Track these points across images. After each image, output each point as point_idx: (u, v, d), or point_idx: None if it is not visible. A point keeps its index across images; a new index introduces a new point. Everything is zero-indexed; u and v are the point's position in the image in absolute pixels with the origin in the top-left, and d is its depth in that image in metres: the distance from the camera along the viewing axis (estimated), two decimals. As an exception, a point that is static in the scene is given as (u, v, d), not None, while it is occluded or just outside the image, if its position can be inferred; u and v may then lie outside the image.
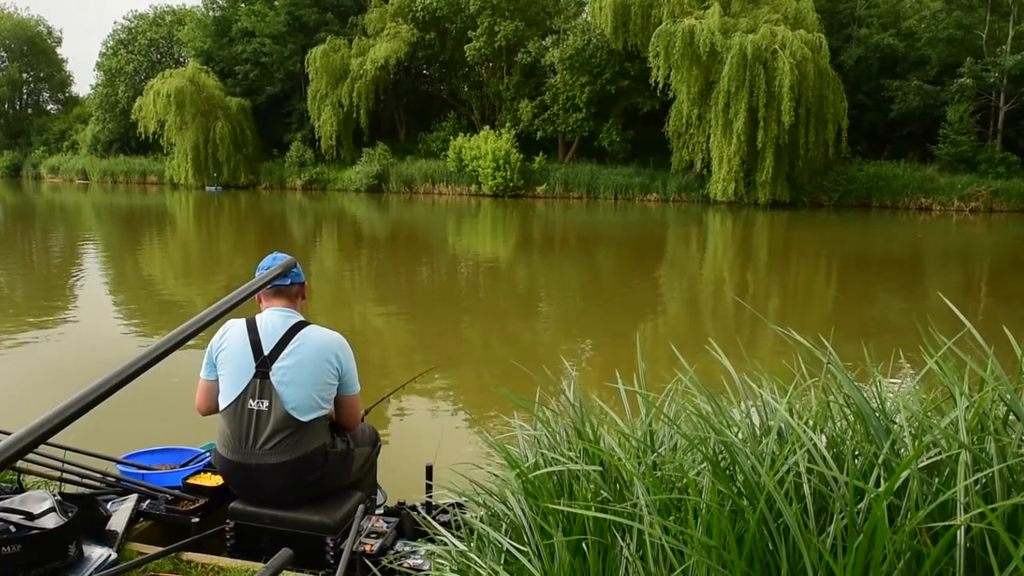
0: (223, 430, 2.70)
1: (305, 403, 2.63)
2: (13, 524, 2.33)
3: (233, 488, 2.78)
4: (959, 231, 23.62)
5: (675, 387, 2.13)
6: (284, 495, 2.66)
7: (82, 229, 22.91)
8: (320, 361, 2.67)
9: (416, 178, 37.14)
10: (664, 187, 32.29)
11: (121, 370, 0.98)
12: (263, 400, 2.62)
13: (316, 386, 2.66)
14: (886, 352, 3.02)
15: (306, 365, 2.64)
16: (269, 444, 2.61)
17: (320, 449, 2.69)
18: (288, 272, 2.64)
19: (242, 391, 2.64)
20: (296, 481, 2.65)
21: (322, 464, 2.70)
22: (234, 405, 2.65)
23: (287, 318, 2.72)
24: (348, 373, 2.77)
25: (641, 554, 1.58)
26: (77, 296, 11.40)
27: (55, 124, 55.27)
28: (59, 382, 6.32)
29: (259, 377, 2.63)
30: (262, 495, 2.68)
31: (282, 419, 2.61)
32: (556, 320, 10.14)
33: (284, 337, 2.67)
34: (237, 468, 2.66)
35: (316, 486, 2.70)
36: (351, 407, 2.84)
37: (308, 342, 2.68)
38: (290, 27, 40.70)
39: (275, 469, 2.62)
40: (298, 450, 2.63)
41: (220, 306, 1.22)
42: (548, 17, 37.76)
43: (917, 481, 1.41)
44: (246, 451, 2.62)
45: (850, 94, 29.10)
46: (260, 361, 2.64)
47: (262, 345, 2.66)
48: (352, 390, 2.80)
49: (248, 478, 2.66)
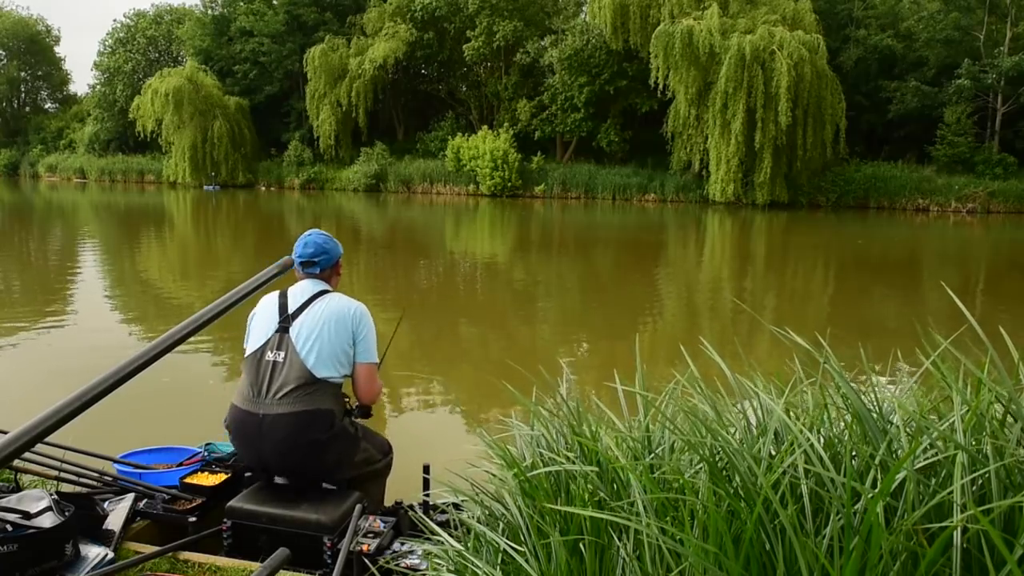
0: (242, 381, 2.80)
1: (320, 360, 2.73)
2: (9, 523, 2.32)
3: (238, 442, 2.81)
4: (956, 232, 23.65)
5: (673, 388, 2.13)
6: (284, 449, 2.68)
7: (80, 228, 22.87)
8: (338, 323, 2.78)
9: (414, 178, 37.15)
10: (662, 187, 32.32)
11: (118, 369, 0.98)
12: (280, 351, 2.74)
13: (331, 345, 2.75)
14: (883, 353, 3.03)
15: (324, 324, 2.77)
16: (280, 393, 2.69)
17: (328, 412, 2.74)
18: (286, 270, 2.70)
19: (263, 343, 2.78)
20: (297, 437, 2.67)
21: (327, 428, 2.72)
22: (254, 355, 2.78)
23: (316, 285, 2.92)
24: (365, 340, 2.84)
25: (638, 554, 1.58)
26: (74, 295, 11.38)
27: (53, 123, 55.20)
28: (56, 381, 6.30)
29: (280, 331, 2.78)
30: (263, 447, 2.70)
31: (296, 371, 2.70)
32: (554, 320, 10.14)
33: (309, 300, 2.84)
34: (246, 417, 2.72)
35: (315, 453, 2.71)
36: (367, 375, 2.87)
37: (330, 304, 2.83)
38: (289, 26, 40.71)
39: (280, 419, 2.67)
40: (306, 404, 2.69)
41: (216, 306, 1.22)
42: (547, 17, 37.78)
43: (914, 482, 1.41)
44: (258, 400, 2.71)
45: (848, 95, 29.15)
46: (283, 318, 2.80)
47: (288, 306, 2.84)
48: (368, 358, 2.86)
49: (255, 428, 2.70)
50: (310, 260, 2.92)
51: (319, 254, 2.93)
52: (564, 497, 1.82)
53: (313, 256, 2.92)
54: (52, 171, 51.33)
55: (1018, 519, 1.36)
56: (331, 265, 2.98)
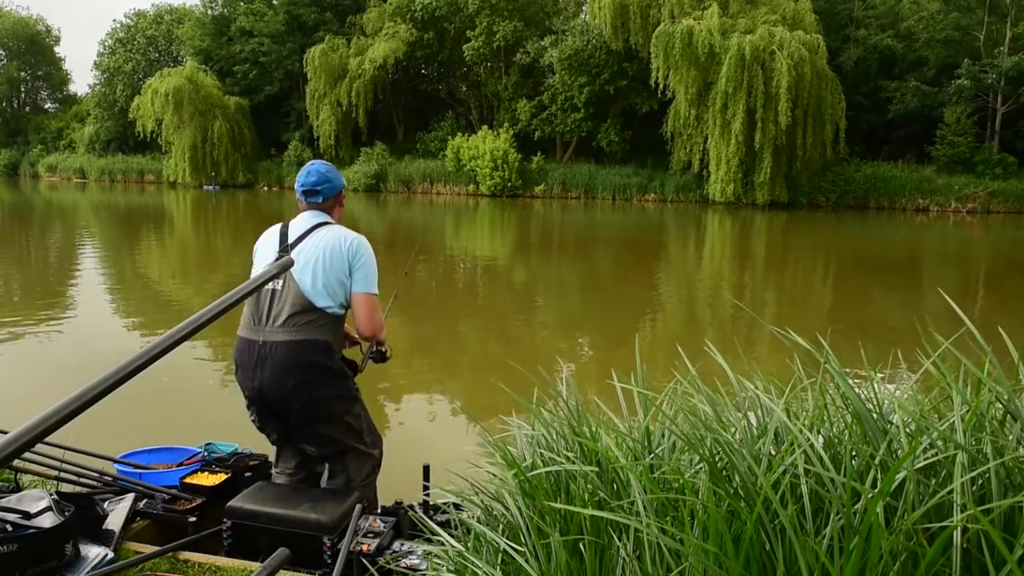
0: (244, 310, 2.82)
1: (317, 288, 2.73)
2: (9, 523, 2.32)
3: (239, 372, 2.83)
4: (956, 232, 23.64)
5: (673, 387, 2.13)
6: (280, 374, 2.70)
7: (80, 228, 22.87)
8: (334, 253, 2.77)
9: (414, 178, 37.15)
10: (662, 187, 32.31)
11: (118, 369, 0.98)
12: (279, 280, 2.75)
13: (327, 275, 2.75)
14: (884, 353, 3.03)
15: (321, 253, 2.76)
16: (279, 321, 2.71)
17: (326, 344, 2.76)
18: (285, 270, 2.70)
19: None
20: (295, 364, 2.69)
21: (326, 360, 2.75)
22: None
23: (317, 216, 2.91)
24: (361, 269, 2.81)
25: (638, 554, 1.58)
26: (74, 295, 11.38)
27: (53, 123, 55.23)
28: (56, 381, 6.31)
29: (279, 259, 2.77)
30: (263, 375, 2.72)
31: (294, 298, 2.72)
32: (554, 320, 10.14)
33: (309, 230, 2.84)
34: (247, 345, 2.76)
35: (311, 382, 2.72)
36: (365, 306, 2.83)
37: (328, 235, 2.82)
38: (289, 26, 40.71)
39: (279, 346, 2.69)
40: (305, 334, 2.71)
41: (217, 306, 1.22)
42: (547, 17, 37.78)
43: (914, 482, 1.41)
44: (258, 328, 2.74)
45: (848, 95, 29.15)
46: (283, 247, 2.82)
47: (289, 235, 2.86)
48: (364, 287, 2.82)
49: (255, 355, 2.73)
50: (312, 189, 2.90)
51: (322, 183, 2.90)
52: (564, 497, 1.82)
53: (316, 185, 2.90)
54: (52, 171, 51.33)
55: (1018, 519, 1.36)
56: (334, 195, 2.95)
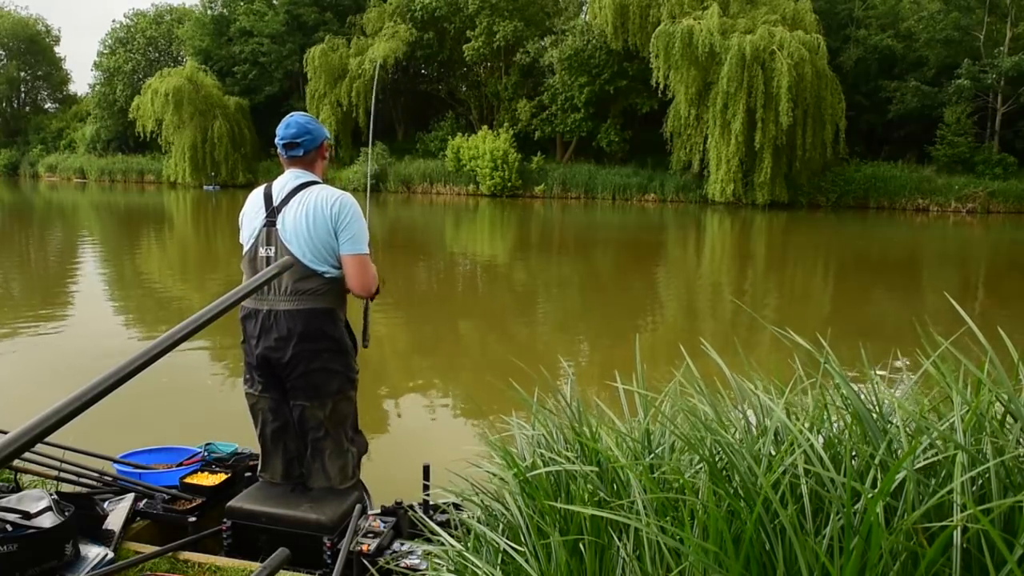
0: (244, 279, 2.80)
1: (308, 252, 2.71)
2: (9, 523, 2.32)
3: (245, 342, 2.83)
4: (956, 232, 23.64)
5: (673, 388, 2.13)
6: (286, 344, 2.70)
7: (80, 228, 22.86)
8: (317, 216, 2.71)
9: (414, 178, 37.14)
10: (662, 187, 32.30)
11: (118, 369, 0.98)
12: (271, 246, 2.75)
13: (314, 240, 2.71)
14: (884, 353, 3.03)
15: (306, 218, 2.71)
16: (282, 289, 2.71)
17: (330, 312, 2.76)
18: (285, 270, 2.67)
19: (254, 239, 2.78)
20: (300, 333, 2.70)
21: (331, 328, 2.75)
22: (249, 253, 2.80)
23: (299, 177, 2.82)
24: (349, 228, 2.73)
25: (638, 554, 1.58)
26: (74, 295, 11.38)
27: (53, 123, 55.16)
28: (56, 381, 6.31)
29: (267, 226, 2.76)
30: (266, 342, 2.73)
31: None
32: (554, 320, 10.14)
33: (292, 192, 2.77)
34: (252, 313, 2.76)
35: (315, 352, 2.73)
36: (356, 267, 2.75)
37: (310, 197, 2.75)
38: (289, 26, 40.69)
39: (283, 316, 2.71)
40: (310, 302, 2.71)
41: (217, 306, 1.22)
42: (547, 17, 37.75)
43: (914, 482, 1.41)
44: (263, 296, 2.73)
45: (848, 95, 29.14)
46: (269, 212, 2.77)
47: (273, 199, 2.80)
48: (353, 248, 2.74)
49: (260, 323, 2.74)
50: (292, 141, 2.77)
51: (302, 135, 2.79)
52: (564, 497, 1.82)
53: (296, 137, 2.77)
54: (52, 171, 51.28)
55: (1018, 519, 1.36)
56: (315, 147, 2.83)
